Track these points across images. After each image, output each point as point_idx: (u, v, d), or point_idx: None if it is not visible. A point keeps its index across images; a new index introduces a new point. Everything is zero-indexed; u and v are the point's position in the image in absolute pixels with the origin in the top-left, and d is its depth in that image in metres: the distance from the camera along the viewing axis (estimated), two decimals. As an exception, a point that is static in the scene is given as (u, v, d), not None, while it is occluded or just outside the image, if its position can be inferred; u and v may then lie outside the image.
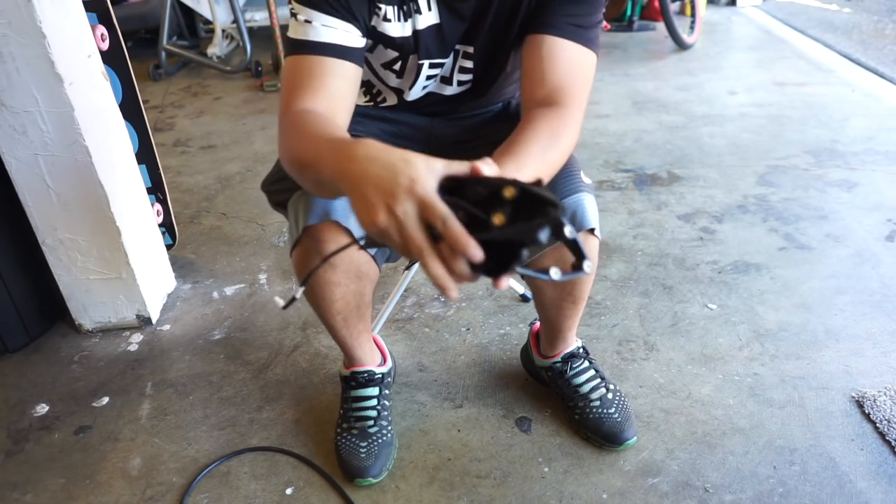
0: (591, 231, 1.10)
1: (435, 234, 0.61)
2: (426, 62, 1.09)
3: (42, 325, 1.72)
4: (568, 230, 0.59)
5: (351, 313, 1.17)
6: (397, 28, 1.04)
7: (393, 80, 1.15)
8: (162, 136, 3.02)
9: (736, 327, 1.59)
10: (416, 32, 1.04)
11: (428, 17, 1.03)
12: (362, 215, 0.64)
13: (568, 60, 0.98)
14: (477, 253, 0.58)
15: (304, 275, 1.06)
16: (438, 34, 1.05)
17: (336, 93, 0.95)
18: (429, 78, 1.13)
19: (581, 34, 0.99)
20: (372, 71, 1.15)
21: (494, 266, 0.60)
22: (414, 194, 0.61)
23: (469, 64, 1.12)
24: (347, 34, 0.96)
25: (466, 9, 1.03)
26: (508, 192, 0.61)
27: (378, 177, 0.64)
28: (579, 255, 0.62)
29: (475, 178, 0.65)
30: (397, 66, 1.11)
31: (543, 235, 0.58)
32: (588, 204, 1.08)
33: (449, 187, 0.64)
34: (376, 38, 1.06)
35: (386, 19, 1.02)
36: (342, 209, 1.03)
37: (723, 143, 2.62)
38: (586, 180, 1.12)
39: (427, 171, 0.63)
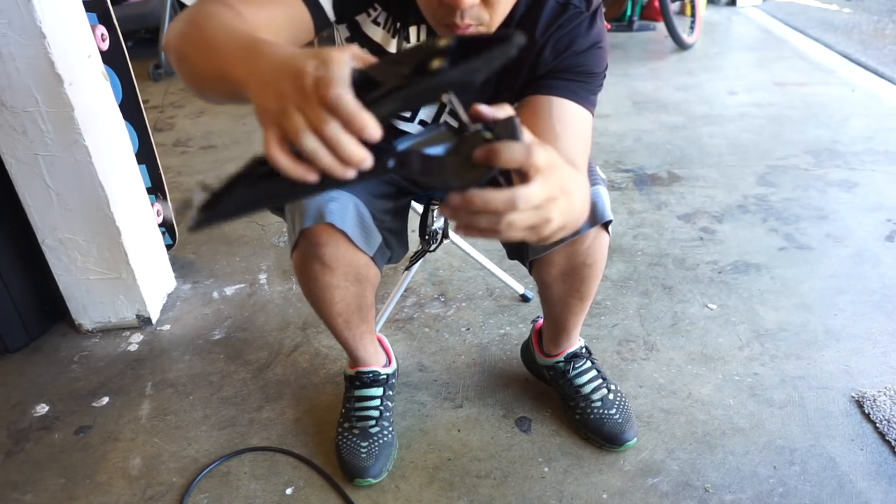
0: (606, 226, 1.09)
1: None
2: None
3: (42, 325, 1.72)
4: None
5: (352, 315, 1.17)
6: (381, 35, 1.00)
7: None
8: (162, 136, 3.02)
9: (736, 327, 1.59)
10: None
11: None
12: (264, 92, 0.56)
13: (577, 124, 0.96)
14: (372, 128, 0.49)
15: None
16: None
17: (274, 20, 0.80)
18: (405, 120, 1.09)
19: (589, 98, 0.98)
20: None
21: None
22: (329, 61, 0.52)
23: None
24: None
25: None
26: (437, 62, 0.47)
27: (290, 57, 0.55)
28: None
29: (394, 57, 0.53)
30: None
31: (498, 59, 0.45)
32: (605, 197, 1.08)
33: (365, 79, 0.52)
34: (357, 37, 1.01)
35: (375, 22, 0.99)
36: (337, 210, 1.02)
37: (723, 143, 2.62)
38: (601, 174, 1.12)
39: (341, 52, 0.53)
